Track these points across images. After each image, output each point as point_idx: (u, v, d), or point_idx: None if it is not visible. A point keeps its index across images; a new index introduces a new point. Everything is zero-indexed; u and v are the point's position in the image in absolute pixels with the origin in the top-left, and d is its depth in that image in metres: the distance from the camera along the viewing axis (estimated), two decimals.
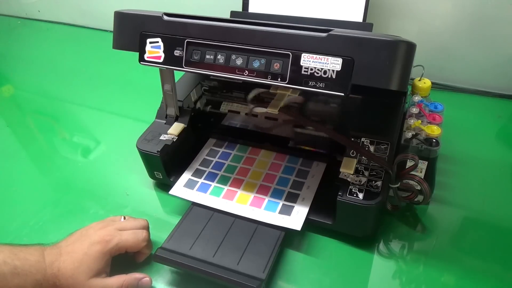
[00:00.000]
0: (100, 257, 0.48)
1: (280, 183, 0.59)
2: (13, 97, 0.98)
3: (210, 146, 0.67)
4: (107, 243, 0.48)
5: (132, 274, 0.49)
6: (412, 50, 0.40)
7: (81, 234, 0.50)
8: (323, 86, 0.42)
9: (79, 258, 0.47)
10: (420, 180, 0.50)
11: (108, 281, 0.48)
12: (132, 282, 0.49)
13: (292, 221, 0.52)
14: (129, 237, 0.50)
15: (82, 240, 0.49)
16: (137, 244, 0.51)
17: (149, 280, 0.50)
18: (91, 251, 0.47)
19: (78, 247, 0.48)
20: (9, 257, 0.45)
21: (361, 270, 0.51)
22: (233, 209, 0.55)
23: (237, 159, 0.64)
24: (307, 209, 0.54)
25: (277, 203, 0.56)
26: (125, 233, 0.50)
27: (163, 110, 0.64)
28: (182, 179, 0.60)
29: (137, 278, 0.49)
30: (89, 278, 0.47)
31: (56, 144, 0.80)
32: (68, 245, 0.49)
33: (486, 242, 0.53)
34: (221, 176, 0.61)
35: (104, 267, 0.48)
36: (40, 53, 1.15)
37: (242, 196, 0.58)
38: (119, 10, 0.51)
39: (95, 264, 0.47)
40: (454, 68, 0.81)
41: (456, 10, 0.75)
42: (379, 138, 0.52)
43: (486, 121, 0.73)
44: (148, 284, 0.50)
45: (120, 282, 0.48)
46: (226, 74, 0.46)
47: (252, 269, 0.48)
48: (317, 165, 0.61)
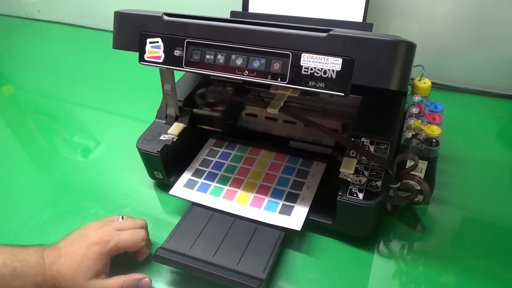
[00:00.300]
0: (99, 258, 0.47)
1: (280, 183, 0.59)
2: (13, 97, 0.98)
3: (210, 146, 0.67)
4: (105, 243, 0.48)
5: (132, 275, 0.49)
6: (412, 50, 0.40)
7: (79, 234, 0.50)
8: (323, 86, 0.42)
9: (78, 259, 0.47)
10: (420, 180, 0.50)
11: (107, 282, 0.47)
12: (131, 283, 0.49)
13: (292, 221, 0.52)
14: (128, 237, 0.50)
15: (80, 241, 0.48)
16: (136, 244, 0.50)
17: (148, 281, 0.50)
18: (90, 252, 0.47)
19: (77, 248, 0.48)
20: (9, 259, 0.45)
21: (361, 270, 0.51)
22: (233, 209, 0.55)
23: (237, 159, 0.64)
24: (307, 209, 0.54)
25: (277, 203, 0.56)
26: (123, 233, 0.50)
27: (163, 110, 0.64)
28: (182, 179, 0.60)
29: (136, 279, 0.49)
30: (88, 280, 0.46)
31: (56, 144, 0.80)
32: (66, 246, 0.48)
33: (486, 242, 0.53)
34: (221, 176, 0.61)
35: (103, 268, 0.48)
36: (40, 53, 1.15)
37: (242, 196, 0.58)
38: (119, 10, 0.51)
39: (94, 265, 0.47)
40: (454, 68, 0.81)
41: (456, 10, 0.75)
42: (379, 138, 0.52)
43: (486, 121, 0.73)
44: (148, 285, 0.50)
45: (119, 283, 0.48)
46: (226, 74, 0.46)
47: (252, 269, 0.48)
48: (317, 165, 0.61)
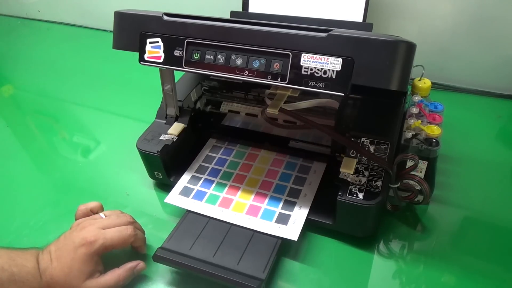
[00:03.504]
0: (88, 259, 0.47)
1: (277, 191, 0.58)
2: (13, 97, 0.98)
3: (207, 152, 0.66)
4: (91, 244, 0.47)
5: (125, 265, 0.49)
6: (412, 50, 0.40)
7: (65, 238, 0.49)
8: (323, 86, 0.42)
9: (68, 264, 0.46)
10: (420, 180, 0.50)
11: (103, 280, 0.47)
12: (127, 274, 0.49)
13: (289, 230, 0.52)
14: (114, 236, 0.49)
15: (67, 245, 0.48)
16: (124, 241, 0.49)
17: (143, 265, 0.50)
18: (77, 255, 0.46)
19: (65, 253, 0.47)
20: (7, 263, 0.44)
21: (361, 270, 0.51)
22: (229, 218, 0.54)
23: (234, 165, 0.63)
24: (304, 217, 0.53)
25: (273, 212, 0.55)
26: (109, 232, 0.49)
27: (163, 110, 0.64)
28: (177, 187, 0.59)
29: (131, 268, 0.49)
30: (83, 282, 0.46)
31: (56, 144, 0.80)
32: (56, 250, 0.48)
33: (486, 242, 0.53)
34: (217, 183, 0.60)
35: (95, 267, 0.47)
36: (40, 53, 1.15)
37: (238, 204, 0.56)
38: (119, 10, 0.51)
39: (85, 267, 0.46)
40: (454, 68, 0.81)
41: (456, 10, 0.75)
42: (379, 138, 0.52)
43: (486, 121, 0.73)
44: (143, 269, 0.50)
45: (115, 277, 0.48)
46: (226, 74, 0.46)
47: (252, 269, 0.48)
48: (317, 165, 0.61)
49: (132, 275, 0.49)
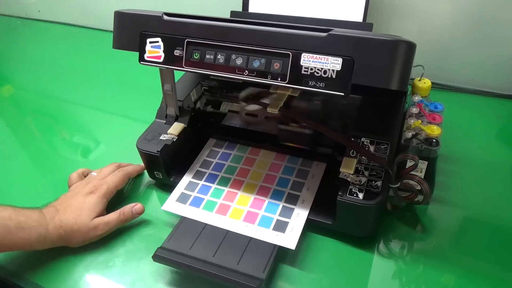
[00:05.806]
0: (99, 201, 0.55)
1: (275, 196, 0.57)
2: (13, 97, 0.98)
3: (205, 156, 0.65)
4: (99, 190, 0.56)
5: (125, 206, 0.56)
6: (412, 50, 0.40)
7: (68, 196, 0.56)
8: (323, 86, 0.42)
9: (79, 206, 0.54)
10: (420, 180, 0.50)
11: (108, 217, 0.55)
12: (127, 210, 0.56)
13: (286, 239, 0.51)
14: (114, 179, 0.59)
15: (75, 197, 0.55)
16: (122, 180, 0.60)
17: (141, 206, 0.57)
18: (89, 200, 0.55)
19: (75, 201, 0.54)
20: (14, 213, 0.49)
21: (361, 270, 0.51)
22: (226, 225, 0.53)
23: (232, 169, 0.62)
24: (302, 225, 0.52)
25: (271, 218, 0.54)
26: (109, 178, 0.59)
27: (163, 110, 0.64)
28: (174, 193, 0.59)
29: (130, 206, 0.57)
30: (92, 219, 0.53)
31: (56, 144, 0.80)
32: (62, 203, 0.54)
33: (486, 242, 0.53)
34: (214, 189, 0.59)
35: (103, 209, 0.56)
36: (40, 53, 1.15)
37: (236, 210, 0.56)
38: (119, 10, 0.51)
39: (95, 208, 0.54)
40: (454, 68, 0.81)
41: (456, 10, 0.75)
42: (379, 138, 0.52)
43: (486, 121, 0.73)
44: (142, 209, 0.57)
45: (117, 214, 0.55)
46: (226, 74, 0.46)
47: (252, 269, 0.48)
48: (315, 170, 0.60)
49: (132, 215, 0.56)
